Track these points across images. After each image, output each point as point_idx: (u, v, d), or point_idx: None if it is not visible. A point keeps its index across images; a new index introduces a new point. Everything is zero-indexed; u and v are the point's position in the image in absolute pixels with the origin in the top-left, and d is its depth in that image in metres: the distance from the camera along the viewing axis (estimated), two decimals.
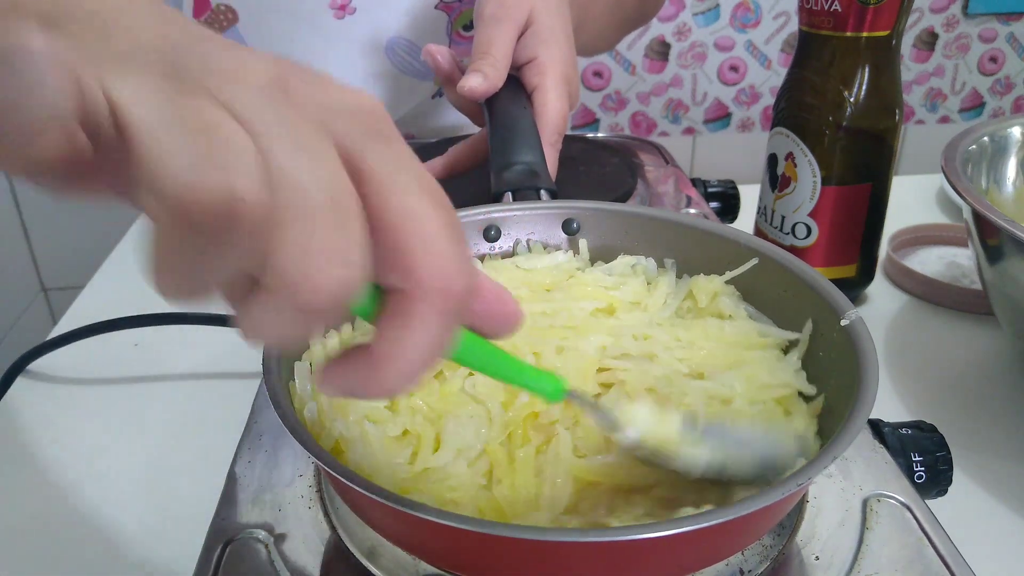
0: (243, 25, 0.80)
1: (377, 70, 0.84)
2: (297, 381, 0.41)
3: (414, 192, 0.24)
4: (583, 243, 0.52)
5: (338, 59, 0.82)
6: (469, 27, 0.86)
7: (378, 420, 0.39)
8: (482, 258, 0.52)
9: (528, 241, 0.53)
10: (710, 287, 0.47)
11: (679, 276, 0.50)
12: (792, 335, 0.44)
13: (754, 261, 0.46)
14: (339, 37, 0.81)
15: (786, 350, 0.44)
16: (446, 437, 0.38)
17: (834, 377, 0.41)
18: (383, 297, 0.26)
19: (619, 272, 0.50)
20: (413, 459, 0.37)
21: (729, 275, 0.47)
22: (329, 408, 0.39)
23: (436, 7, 0.83)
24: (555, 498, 0.36)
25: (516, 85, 0.62)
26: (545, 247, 0.52)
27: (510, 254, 0.53)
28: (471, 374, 0.40)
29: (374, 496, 0.31)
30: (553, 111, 0.60)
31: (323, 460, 0.33)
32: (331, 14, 0.80)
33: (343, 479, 0.32)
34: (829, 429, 0.39)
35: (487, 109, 0.61)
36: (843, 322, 0.40)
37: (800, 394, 0.42)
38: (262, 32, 0.80)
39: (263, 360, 0.38)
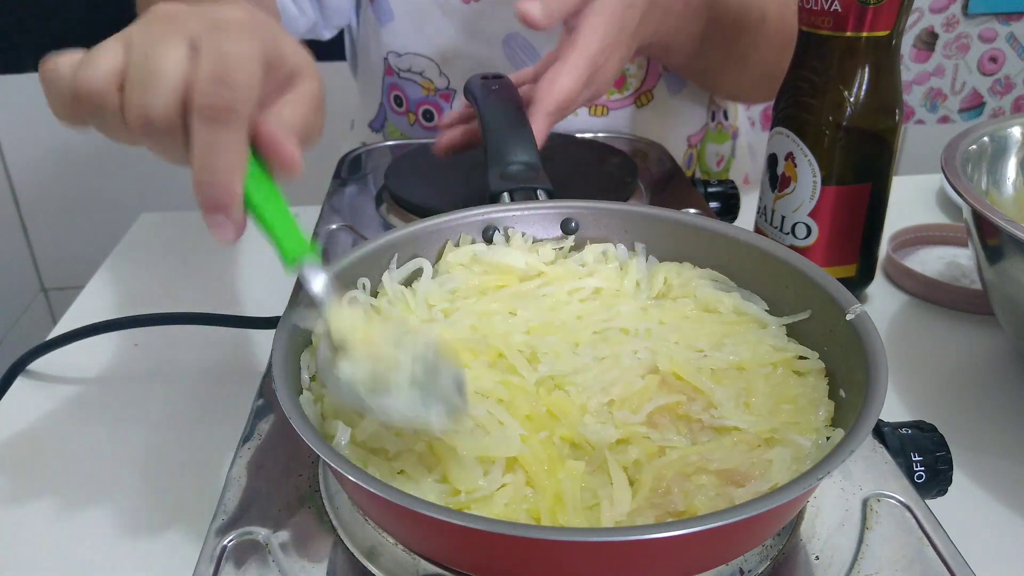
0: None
1: (491, 58, 0.89)
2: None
3: (214, 50, 0.37)
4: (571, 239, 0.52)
5: (462, 40, 0.88)
6: None
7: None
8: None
9: (507, 230, 0.52)
10: (683, 273, 0.49)
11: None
12: (769, 317, 0.45)
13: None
14: (464, 21, 0.87)
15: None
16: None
17: (841, 372, 0.41)
18: None
19: (592, 261, 0.51)
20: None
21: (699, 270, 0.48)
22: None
23: None
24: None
25: (509, 87, 0.62)
26: (535, 240, 0.52)
27: None
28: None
29: (377, 492, 0.31)
30: (558, 86, 0.60)
31: (328, 456, 0.33)
32: None
33: (349, 476, 0.32)
34: (838, 421, 0.39)
35: (480, 112, 0.62)
36: (848, 316, 0.40)
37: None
38: (406, 7, 0.87)
39: (271, 359, 0.38)
